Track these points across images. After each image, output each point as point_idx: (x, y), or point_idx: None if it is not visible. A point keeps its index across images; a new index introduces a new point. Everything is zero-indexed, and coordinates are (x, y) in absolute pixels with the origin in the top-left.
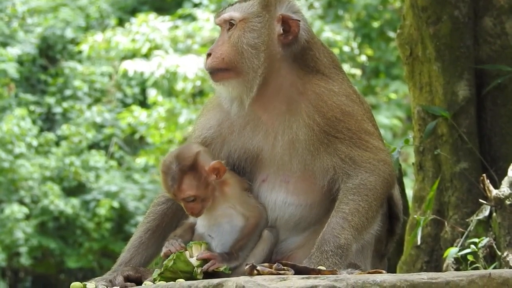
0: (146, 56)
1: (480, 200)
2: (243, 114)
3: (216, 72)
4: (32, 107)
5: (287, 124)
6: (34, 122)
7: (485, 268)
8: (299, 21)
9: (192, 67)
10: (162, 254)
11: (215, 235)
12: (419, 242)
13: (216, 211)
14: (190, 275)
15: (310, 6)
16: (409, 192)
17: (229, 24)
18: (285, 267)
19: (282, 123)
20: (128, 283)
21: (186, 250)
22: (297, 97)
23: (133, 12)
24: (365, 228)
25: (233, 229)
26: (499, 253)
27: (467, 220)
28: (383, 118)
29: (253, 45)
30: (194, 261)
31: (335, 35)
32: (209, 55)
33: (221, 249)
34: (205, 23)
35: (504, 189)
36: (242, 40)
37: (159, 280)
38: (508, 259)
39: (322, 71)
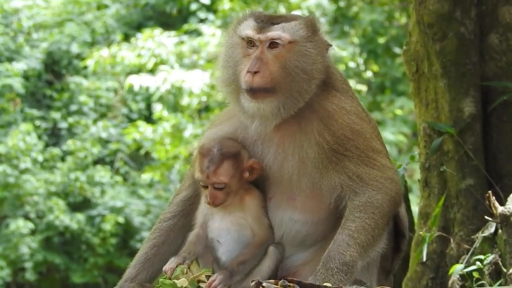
0: (152, 71)
1: (486, 217)
2: (256, 132)
3: (260, 91)
4: (37, 122)
5: (297, 143)
6: (39, 137)
7: (490, 285)
8: (331, 45)
9: (197, 82)
10: (164, 271)
11: (223, 240)
12: (424, 259)
13: (230, 216)
14: None
15: None
16: (415, 209)
17: (273, 43)
18: (291, 284)
19: (292, 142)
20: None
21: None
22: (309, 115)
23: (139, 27)
24: (371, 246)
25: (240, 239)
26: (505, 270)
27: (472, 237)
28: (388, 134)
29: (306, 71)
30: (183, 281)
31: (341, 51)
32: (255, 72)
33: (227, 256)
34: (211, 39)
35: (510, 206)
36: (294, 63)
37: None
38: None
39: (336, 87)
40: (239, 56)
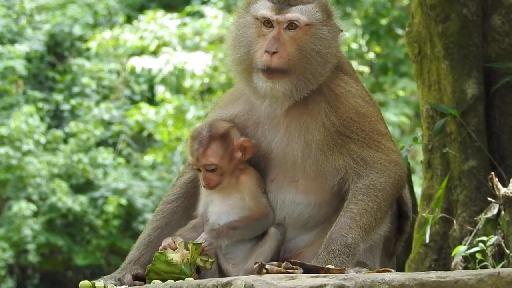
0: (154, 53)
1: (489, 198)
2: (265, 113)
3: (277, 71)
4: (40, 104)
5: (304, 125)
6: (42, 119)
7: (493, 267)
8: (342, 31)
9: (200, 64)
10: (159, 249)
11: (222, 223)
12: (427, 240)
13: (229, 199)
14: (177, 276)
15: None
16: (418, 190)
17: (291, 24)
18: (294, 266)
19: (299, 124)
20: (137, 282)
21: (175, 249)
22: (316, 97)
23: (141, 9)
24: (373, 229)
25: None
26: (508, 252)
27: (475, 218)
28: (391, 115)
29: (322, 54)
30: (177, 257)
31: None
32: (274, 53)
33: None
34: (213, 20)
35: None
36: (311, 46)
37: (147, 283)
38: None
39: (344, 70)
40: (253, 36)
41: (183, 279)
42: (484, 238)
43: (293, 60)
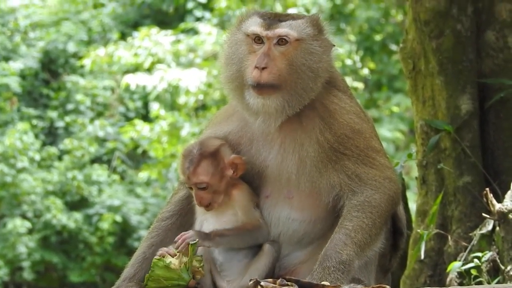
0: (149, 70)
1: (484, 214)
2: (259, 129)
3: (267, 87)
4: (34, 121)
5: (298, 142)
6: (36, 136)
7: (488, 283)
8: (334, 45)
9: (194, 81)
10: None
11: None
12: (422, 256)
13: (223, 217)
14: (177, 282)
15: None
16: (412, 206)
17: (281, 40)
18: (289, 282)
19: (293, 140)
20: None
21: (174, 256)
22: (310, 113)
23: (136, 26)
24: (368, 245)
25: None
26: (503, 267)
27: (470, 234)
28: (385, 131)
29: (313, 69)
30: (176, 261)
31: (337, 48)
32: (263, 68)
33: (224, 257)
34: (207, 37)
35: (507, 203)
36: (301, 61)
37: None
38: (511, 273)
39: (338, 86)
40: (244, 53)
41: (182, 285)
42: (479, 254)
43: (283, 76)
